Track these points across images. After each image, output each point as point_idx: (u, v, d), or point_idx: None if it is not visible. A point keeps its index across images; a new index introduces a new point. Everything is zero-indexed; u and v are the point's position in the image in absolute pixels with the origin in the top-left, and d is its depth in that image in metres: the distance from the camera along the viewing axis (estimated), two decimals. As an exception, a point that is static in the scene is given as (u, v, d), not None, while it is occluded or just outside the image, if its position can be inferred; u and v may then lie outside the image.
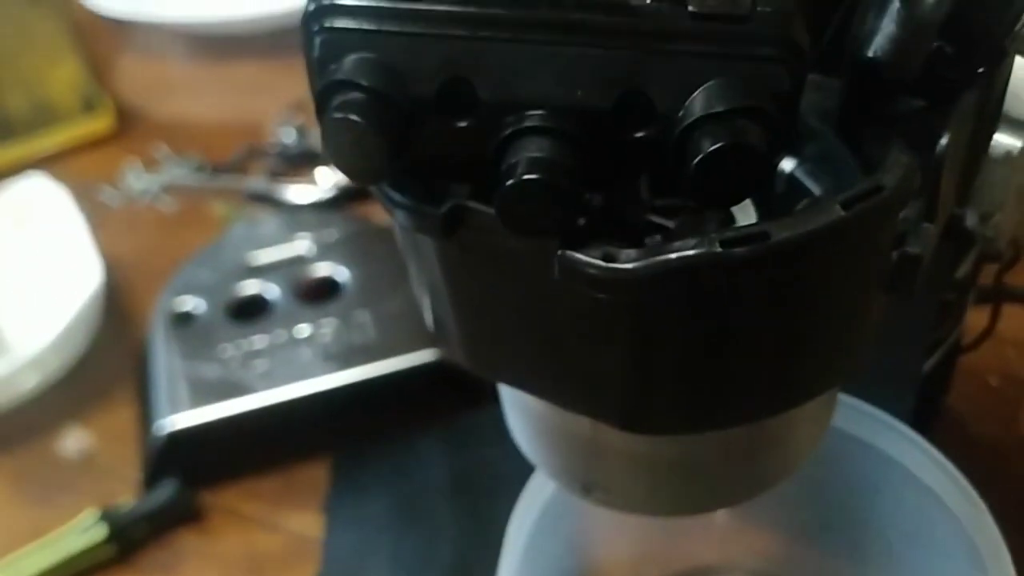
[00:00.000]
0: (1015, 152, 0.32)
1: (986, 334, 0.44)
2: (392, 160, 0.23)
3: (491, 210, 0.23)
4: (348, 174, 0.23)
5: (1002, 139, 0.32)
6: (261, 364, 0.55)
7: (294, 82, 0.42)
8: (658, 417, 0.27)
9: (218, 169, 0.77)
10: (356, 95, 0.22)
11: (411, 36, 0.23)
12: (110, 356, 0.62)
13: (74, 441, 0.58)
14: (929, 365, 0.42)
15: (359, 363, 0.54)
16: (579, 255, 0.23)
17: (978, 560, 0.37)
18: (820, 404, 0.30)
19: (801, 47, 0.22)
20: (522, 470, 0.37)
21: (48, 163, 0.77)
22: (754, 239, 0.22)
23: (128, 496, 0.53)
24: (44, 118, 0.80)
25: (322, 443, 0.55)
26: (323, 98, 0.23)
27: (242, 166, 0.77)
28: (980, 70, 0.27)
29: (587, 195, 0.24)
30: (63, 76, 0.81)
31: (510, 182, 0.22)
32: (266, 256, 0.62)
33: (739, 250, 0.22)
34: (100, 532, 0.50)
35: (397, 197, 0.26)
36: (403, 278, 0.33)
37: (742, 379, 0.26)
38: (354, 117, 0.22)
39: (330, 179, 0.73)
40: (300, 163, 0.76)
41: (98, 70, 0.86)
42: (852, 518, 0.44)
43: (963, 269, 0.38)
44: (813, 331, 0.26)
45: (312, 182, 0.74)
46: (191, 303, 0.59)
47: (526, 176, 0.22)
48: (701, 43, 0.22)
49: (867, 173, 0.25)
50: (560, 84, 0.23)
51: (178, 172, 0.77)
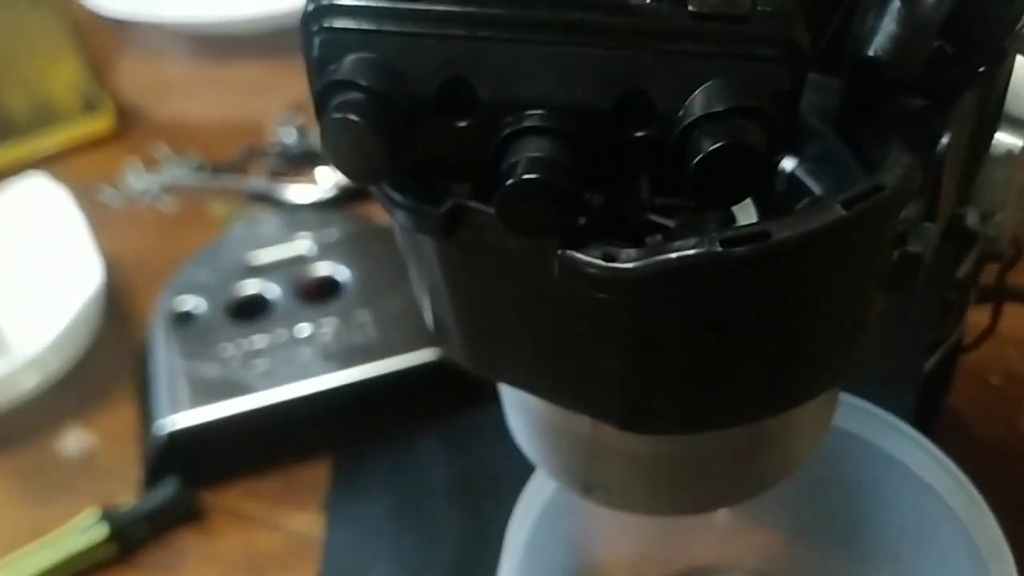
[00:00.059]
0: (1016, 151, 0.32)
1: (987, 333, 0.44)
2: (392, 160, 0.23)
3: (491, 210, 0.23)
4: (348, 174, 0.23)
5: (1003, 138, 0.32)
6: (261, 364, 0.55)
7: (294, 82, 0.42)
8: (658, 417, 0.27)
9: (218, 169, 0.77)
10: (355, 95, 0.22)
11: (411, 36, 0.23)
12: (110, 356, 0.62)
13: (74, 441, 0.58)
14: (930, 364, 0.42)
15: (359, 363, 0.54)
16: (579, 255, 0.23)
17: (979, 559, 0.37)
18: (821, 404, 0.30)
19: (801, 47, 0.22)
20: (522, 470, 0.37)
21: (48, 163, 0.77)
22: (755, 239, 0.22)
23: (128, 496, 0.53)
24: (44, 118, 0.80)
25: (322, 443, 0.55)
26: (322, 98, 0.23)
27: (242, 166, 0.77)
28: (981, 69, 0.27)
29: (587, 195, 0.24)
30: (63, 76, 0.81)
31: (510, 182, 0.22)
32: (266, 256, 0.62)
33: (739, 250, 0.22)
34: (100, 532, 0.50)
35: (397, 197, 0.26)
36: (403, 278, 0.33)
37: (742, 379, 0.26)
38: (353, 117, 0.22)
39: (330, 179, 0.73)
40: (300, 163, 0.76)
41: (98, 70, 0.86)
42: (852, 517, 0.44)
43: (964, 268, 0.37)
44: (813, 331, 0.26)
45: (312, 182, 0.74)
46: (191, 303, 0.59)
47: (526, 176, 0.22)
48: (701, 43, 0.22)
49: (867, 173, 0.25)
50: (560, 84, 0.23)
51: (178, 172, 0.77)
